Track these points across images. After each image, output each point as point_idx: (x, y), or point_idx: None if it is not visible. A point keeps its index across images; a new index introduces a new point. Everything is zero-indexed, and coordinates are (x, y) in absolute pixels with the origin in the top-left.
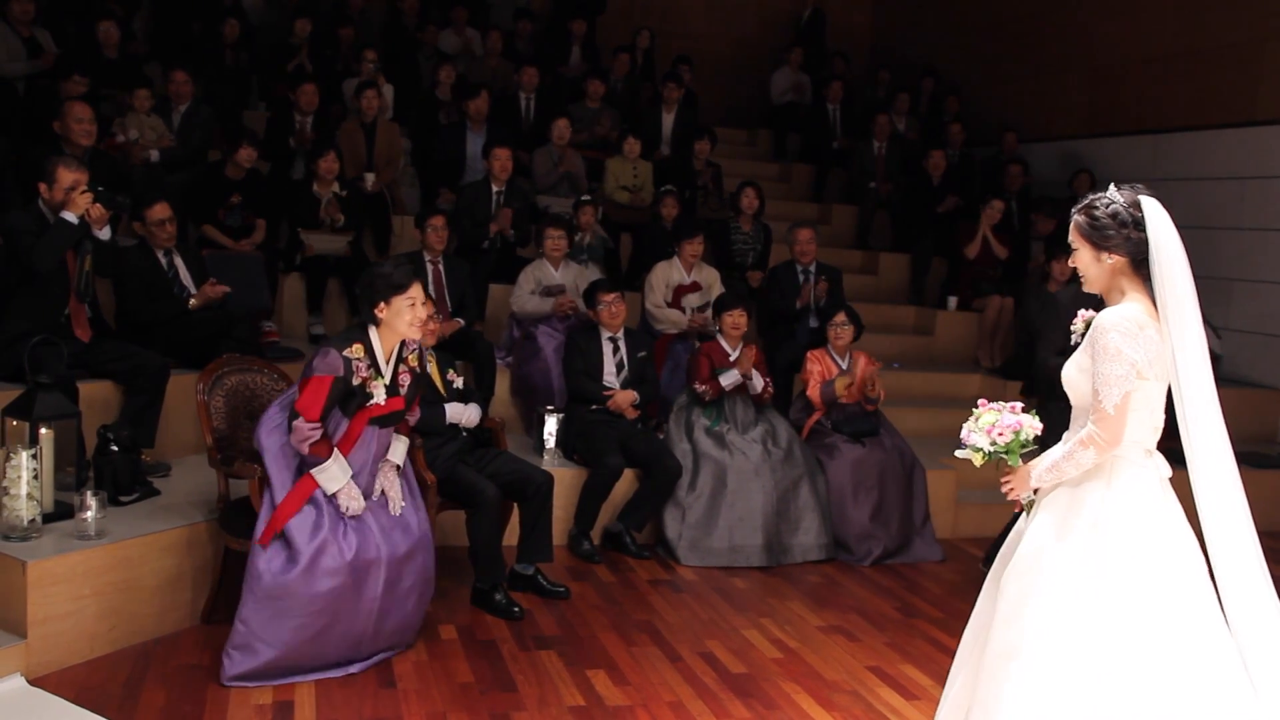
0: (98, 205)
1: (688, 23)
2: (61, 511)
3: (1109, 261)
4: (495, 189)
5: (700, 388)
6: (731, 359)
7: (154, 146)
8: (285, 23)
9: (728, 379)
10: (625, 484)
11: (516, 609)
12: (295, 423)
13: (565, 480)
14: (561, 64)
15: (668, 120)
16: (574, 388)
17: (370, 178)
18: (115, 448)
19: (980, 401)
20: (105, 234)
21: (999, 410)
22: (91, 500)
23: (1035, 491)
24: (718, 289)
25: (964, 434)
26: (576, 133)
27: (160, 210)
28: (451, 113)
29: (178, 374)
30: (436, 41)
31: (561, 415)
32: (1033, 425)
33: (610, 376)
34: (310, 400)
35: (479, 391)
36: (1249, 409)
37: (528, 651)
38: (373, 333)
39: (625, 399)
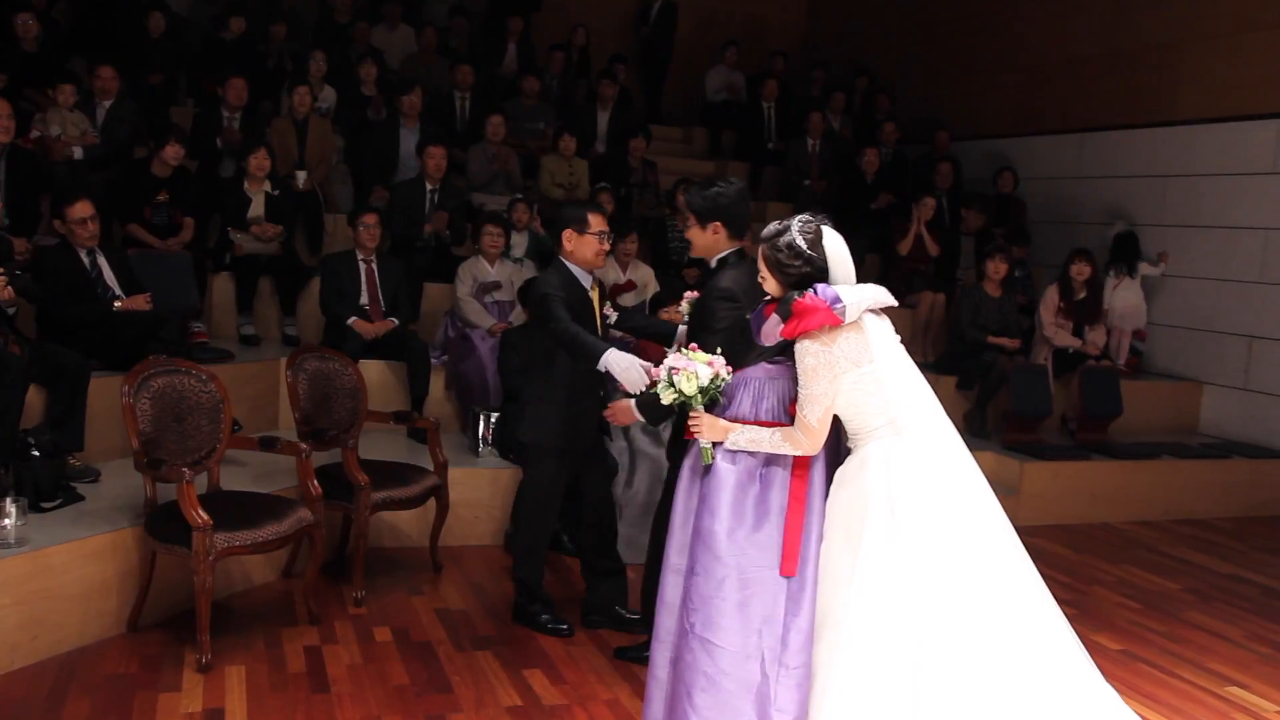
0: (9, 289)
1: (623, 20)
2: None
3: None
4: (429, 187)
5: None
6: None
7: (77, 143)
8: (213, 17)
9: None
10: None
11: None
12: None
13: (501, 480)
14: (497, 62)
15: (603, 118)
16: (510, 386)
17: (302, 175)
18: (36, 453)
19: (691, 346)
20: (12, 310)
21: (702, 351)
22: (11, 507)
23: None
24: (653, 287)
25: (677, 364)
26: (511, 130)
27: (81, 208)
28: (378, 108)
29: (103, 376)
30: (369, 38)
31: (497, 414)
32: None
33: None
34: None
35: (413, 391)
36: (1171, 401)
37: (464, 652)
38: None
39: None
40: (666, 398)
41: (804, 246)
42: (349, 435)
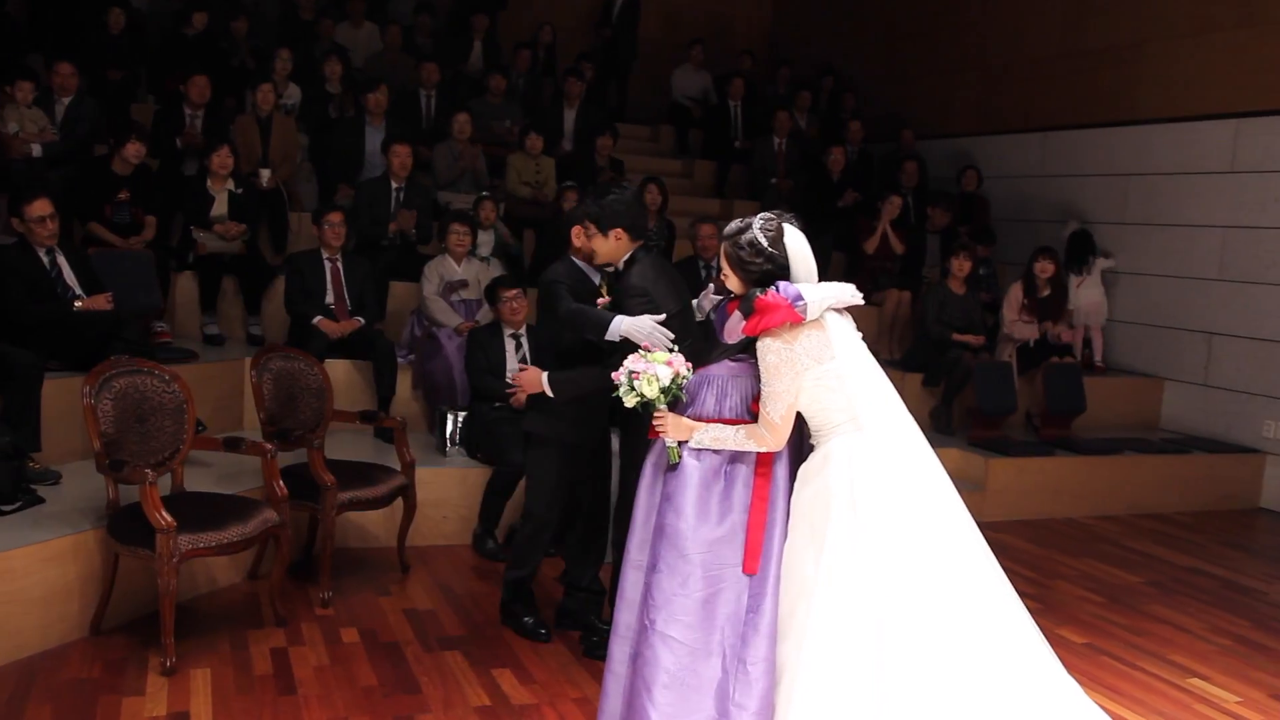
0: None
1: (589, 19)
2: None
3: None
4: (395, 185)
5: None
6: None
7: (36, 140)
8: (174, 13)
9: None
10: None
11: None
12: None
13: (469, 479)
14: (462, 59)
15: (569, 116)
16: (476, 385)
17: (266, 174)
18: None
19: (645, 346)
20: None
21: (660, 351)
22: None
23: (681, 444)
24: None
25: (636, 368)
26: (477, 128)
27: (40, 207)
28: (343, 106)
29: (64, 377)
30: (334, 35)
31: (464, 413)
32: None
33: (513, 374)
34: None
35: (380, 391)
36: (1133, 397)
37: (432, 653)
38: None
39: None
40: (629, 402)
41: (765, 244)
42: (315, 435)
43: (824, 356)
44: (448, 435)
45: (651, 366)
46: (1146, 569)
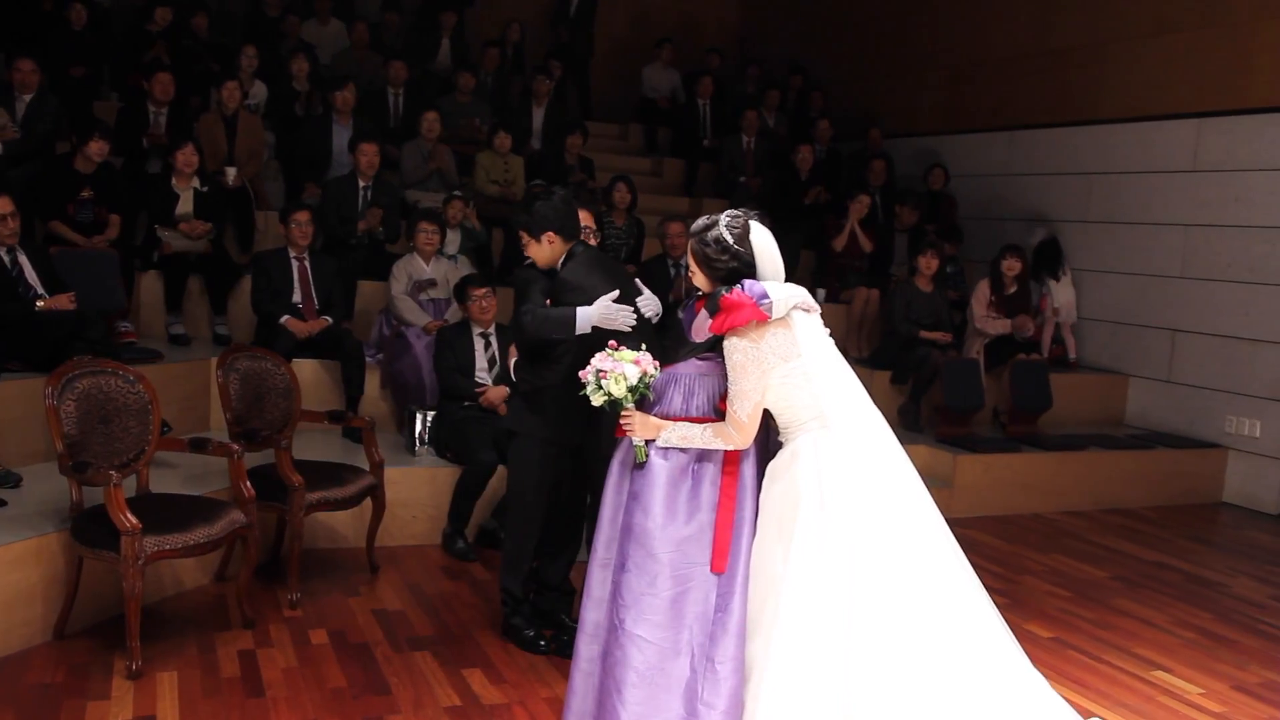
0: None
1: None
2: None
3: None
4: (362, 184)
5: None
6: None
7: None
8: (138, 7)
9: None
10: (498, 480)
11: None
12: None
13: (438, 478)
14: (430, 57)
15: (538, 114)
16: (446, 384)
17: (231, 172)
18: None
19: (611, 344)
20: None
21: (627, 350)
22: None
23: (647, 442)
24: None
25: (604, 367)
26: (446, 126)
27: (0, 205)
28: (311, 104)
29: (26, 378)
30: (299, 31)
31: (433, 412)
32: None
33: (482, 372)
34: None
35: (348, 390)
36: (1098, 393)
37: (402, 653)
38: None
39: (497, 395)
40: (597, 401)
41: (731, 241)
42: (282, 435)
43: (790, 354)
44: (416, 435)
45: (619, 365)
46: (1112, 563)
